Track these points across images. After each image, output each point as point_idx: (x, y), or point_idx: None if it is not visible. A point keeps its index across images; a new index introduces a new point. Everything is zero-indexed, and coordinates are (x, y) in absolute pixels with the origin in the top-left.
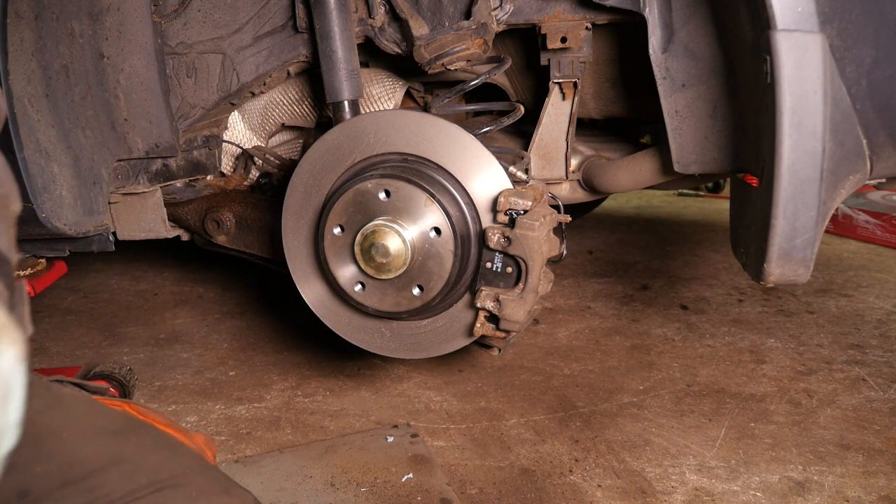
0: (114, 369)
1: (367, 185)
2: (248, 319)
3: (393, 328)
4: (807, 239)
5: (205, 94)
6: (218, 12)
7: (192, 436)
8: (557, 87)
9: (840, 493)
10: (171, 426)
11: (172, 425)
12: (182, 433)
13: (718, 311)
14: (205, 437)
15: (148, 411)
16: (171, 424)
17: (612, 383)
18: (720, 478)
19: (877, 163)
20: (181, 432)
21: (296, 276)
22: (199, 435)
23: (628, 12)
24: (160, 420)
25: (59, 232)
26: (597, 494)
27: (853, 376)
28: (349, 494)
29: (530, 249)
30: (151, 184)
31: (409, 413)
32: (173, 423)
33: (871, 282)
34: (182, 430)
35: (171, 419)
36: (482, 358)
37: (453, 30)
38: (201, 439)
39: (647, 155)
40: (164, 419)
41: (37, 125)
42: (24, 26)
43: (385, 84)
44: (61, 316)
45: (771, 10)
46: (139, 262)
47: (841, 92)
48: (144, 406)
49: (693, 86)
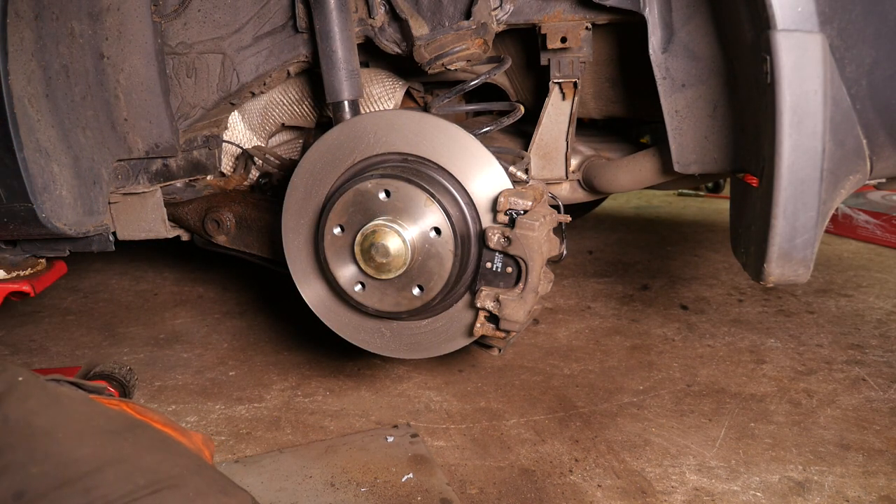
0: (114, 369)
1: (368, 185)
2: (248, 319)
3: (393, 328)
4: (807, 239)
5: (205, 94)
6: (218, 12)
7: (190, 435)
8: (557, 87)
9: (840, 493)
10: (168, 425)
11: (170, 424)
12: (180, 432)
13: (718, 311)
14: (203, 437)
15: (146, 410)
16: (169, 424)
17: (612, 383)
18: (720, 478)
19: (877, 163)
20: (179, 432)
21: (296, 276)
22: (198, 434)
23: (628, 12)
24: (158, 419)
25: (59, 232)
26: (597, 494)
27: (853, 376)
28: (349, 494)
29: (530, 249)
30: (151, 184)
31: (409, 413)
32: (171, 423)
33: (871, 282)
34: (180, 429)
35: (169, 418)
36: (482, 358)
37: (453, 30)
38: (199, 438)
39: (647, 155)
40: (162, 418)
41: (37, 125)
42: (24, 26)
43: (385, 84)
44: (61, 316)
45: (771, 10)
46: (139, 262)
47: (841, 92)
48: (143, 405)
49: (693, 86)
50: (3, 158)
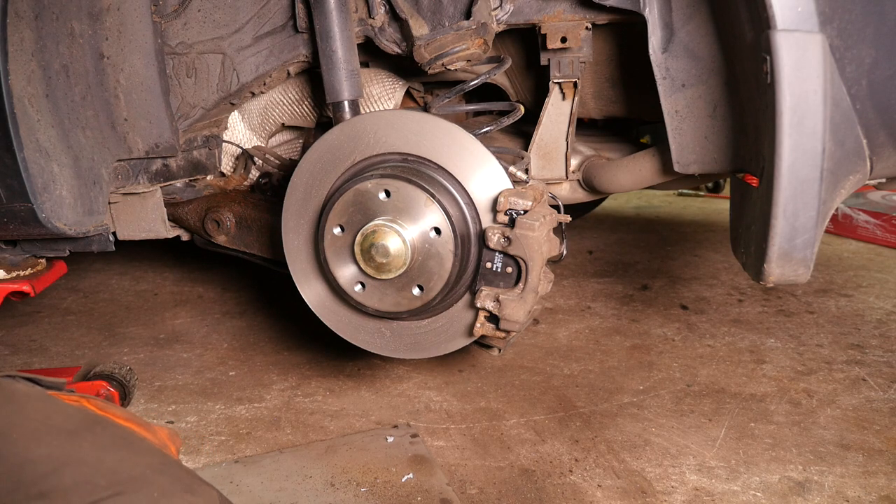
0: (114, 369)
1: (367, 185)
2: (248, 319)
3: (393, 328)
4: (807, 239)
5: (205, 94)
6: (218, 12)
7: (154, 430)
8: (557, 87)
9: (840, 493)
10: (131, 420)
11: (133, 419)
12: (144, 428)
13: (718, 311)
14: (168, 431)
15: (107, 405)
16: (132, 419)
17: (612, 383)
18: (720, 478)
19: (877, 163)
20: (143, 427)
21: (296, 276)
22: (163, 429)
23: (628, 12)
24: (120, 415)
25: (59, 232)
26: (597, 494)
27: (853, 376)
28: (349, 494)
29: (530, 249)
30: (151, 184)
31: (409, 413)
32: (134, 418)
33: (871, 282)
34: (144, 424)
35: (131, 413)
36: (482, 358)
37: (453, 30)
38: (164, 433)
39: (647, 155)
40: (124, 413)
41: (37, 125)
42: (24, 26)
43: (385, 84)
44: (61, 316)
45: (771, 10)
46: (139, 262)
47: (841, 92)
48: (104, 401)
49: (693, 86)
50: (3, 158)
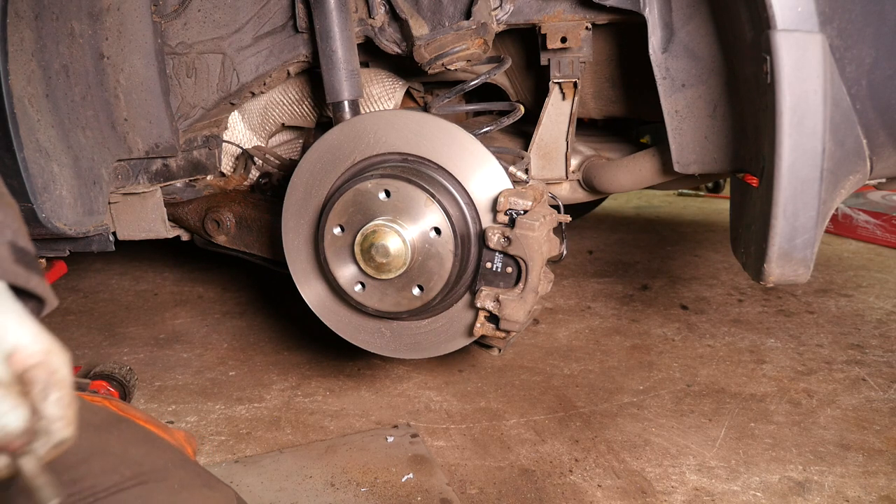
0: (114, 369)
1: (367, 185)
2: (248, 319)
3: (393, 328)
4: (807, 239)
5: (205, 94)
6: (218, 12)
7: (172, 432)
8: (557, 87)
9: (840, 493)
10: (150, 422)
11: (152, 421)
12: (162, 429)
13: (718, 311)
14: (185, 434)
15: (128, 408)
16: (151, 421)
17: (612, 383)
18: (720, 478)
19: (877, 163)
20: (161, 428)
21: (296, 276)
22: (179, 431)
23: (628, 12)
24: (140, 416)
25: (59, 232)
26: (597, 494)
27: (853, 376)
28: (349, 494)
29: (530, 249)
30: (151, 184)
31: (409, 413)
32: (153, 420)
33: (871, 282)
34: (162, 426)
35: (150, 416)
36: (482, 358)
37: (453, 30)
38: (181, 435)
39: (647, 155)
40: (144, 415)
41: (37, 125)
42: (24, 26)
43: (385, 84)
44: (61, 316)
45: (771, 10)
46: (139, 262)
47: (841, 92)
48: (124, 403)
49: (693, 86)
50: (3, 158)
